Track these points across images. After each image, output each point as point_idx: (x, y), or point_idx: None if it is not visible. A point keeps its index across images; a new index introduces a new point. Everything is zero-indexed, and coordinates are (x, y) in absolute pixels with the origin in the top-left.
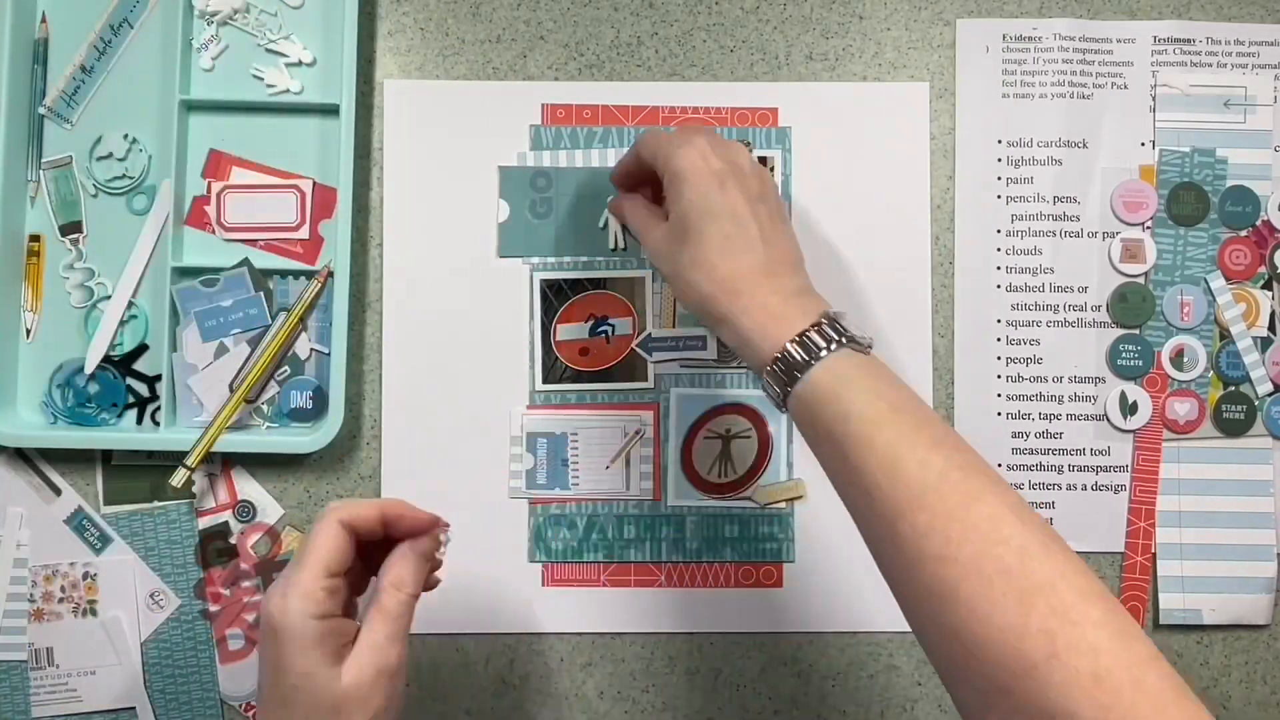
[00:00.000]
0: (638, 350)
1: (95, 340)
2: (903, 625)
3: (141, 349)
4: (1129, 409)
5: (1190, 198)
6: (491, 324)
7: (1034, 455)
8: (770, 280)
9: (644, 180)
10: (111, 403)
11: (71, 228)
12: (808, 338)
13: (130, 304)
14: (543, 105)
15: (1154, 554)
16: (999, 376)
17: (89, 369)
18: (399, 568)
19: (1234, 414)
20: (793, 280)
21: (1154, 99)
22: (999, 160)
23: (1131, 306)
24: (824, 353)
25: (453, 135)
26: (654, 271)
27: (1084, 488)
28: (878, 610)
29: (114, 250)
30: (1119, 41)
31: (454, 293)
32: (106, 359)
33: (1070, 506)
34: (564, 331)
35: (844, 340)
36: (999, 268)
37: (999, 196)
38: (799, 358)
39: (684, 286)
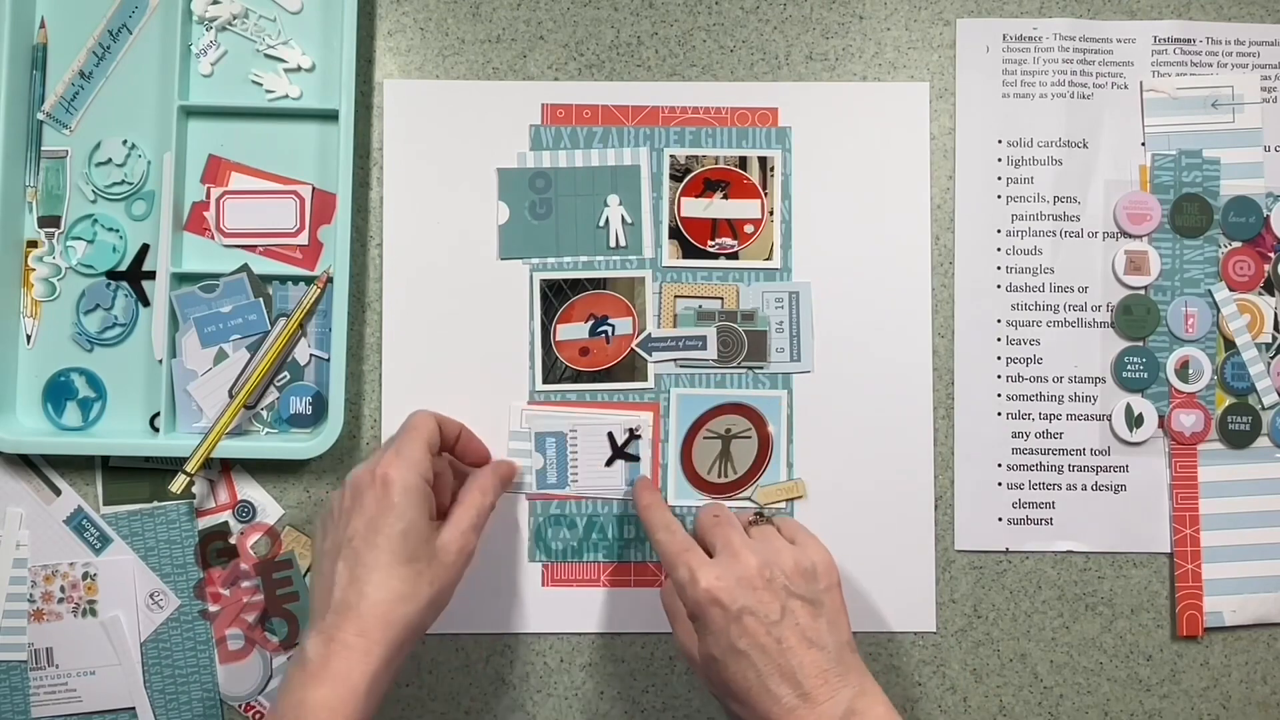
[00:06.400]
0: (638, 350)
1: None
2: (902, 625)
3: (143, 251)
4: (1134, 421)
5: (1193, 209)
6: (491, 324)
7: (1034, 455)
8: None
9: None
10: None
11: (50, 220)
12: None
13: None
14: (543, 105)
15: (1172, 558)
16: (999, 376)
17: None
18: (486, 477)
19: (1239, 425)
20: None
21: (1142, 104)
22: (999, 160)
23: (1136, 319)
24: None
25: (452, 135)
26: (654, 271)
27: (1084, 488)
28: (878, 610)
29: None
30: (1119, 41)
31: (454, 293)
32: (116, 274)
33: (1070, 506)
34: (564, 331)
35: None
36: (999, 268)
37: (999, 196)
38: None
39: None
